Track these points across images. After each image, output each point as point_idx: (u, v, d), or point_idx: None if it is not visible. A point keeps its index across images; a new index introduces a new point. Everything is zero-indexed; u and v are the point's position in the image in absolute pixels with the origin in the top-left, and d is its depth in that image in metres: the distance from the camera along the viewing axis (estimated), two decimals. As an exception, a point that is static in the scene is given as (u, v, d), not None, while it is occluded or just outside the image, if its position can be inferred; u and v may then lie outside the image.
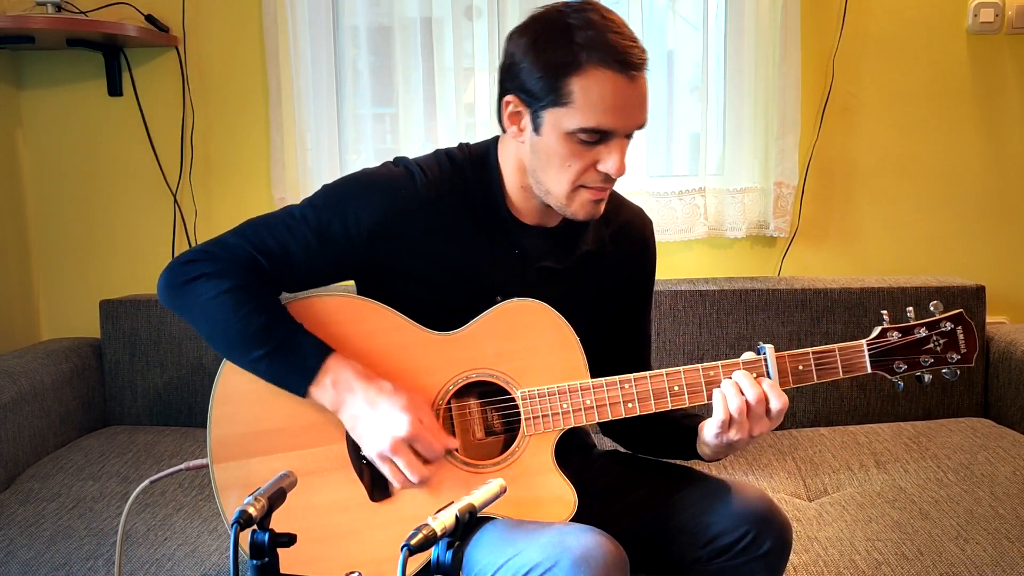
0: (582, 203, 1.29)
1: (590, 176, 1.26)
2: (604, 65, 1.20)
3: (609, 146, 1.24)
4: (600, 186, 1.28)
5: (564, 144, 1.24)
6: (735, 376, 1.28)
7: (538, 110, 1.24)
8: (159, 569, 1.55)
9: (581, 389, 1.31)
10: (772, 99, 2.27)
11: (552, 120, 1.24)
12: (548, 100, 1.23)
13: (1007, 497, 1.72)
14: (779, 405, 1.25)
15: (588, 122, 1.22)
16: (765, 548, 1.27)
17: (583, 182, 1.27)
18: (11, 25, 2.11)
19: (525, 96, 1.25)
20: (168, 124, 2.40)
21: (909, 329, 1.34)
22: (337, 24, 2.34)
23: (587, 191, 1.28)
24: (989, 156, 2.36)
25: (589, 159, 1.25)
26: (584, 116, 1.22)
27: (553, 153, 1.25)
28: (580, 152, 1.25)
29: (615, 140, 1.24)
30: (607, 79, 1.20)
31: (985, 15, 2.28)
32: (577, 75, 1.21)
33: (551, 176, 1.27)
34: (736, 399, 1.25)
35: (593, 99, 1.21)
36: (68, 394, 2.15)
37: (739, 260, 2.42)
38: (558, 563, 1.13)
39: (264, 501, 0.92)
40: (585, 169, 1.26)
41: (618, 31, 1.22)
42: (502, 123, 1.32)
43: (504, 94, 1.29)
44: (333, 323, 1.30)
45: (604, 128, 1.22)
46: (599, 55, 1.20)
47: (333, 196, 1.32)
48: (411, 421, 1.23)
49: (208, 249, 1.30)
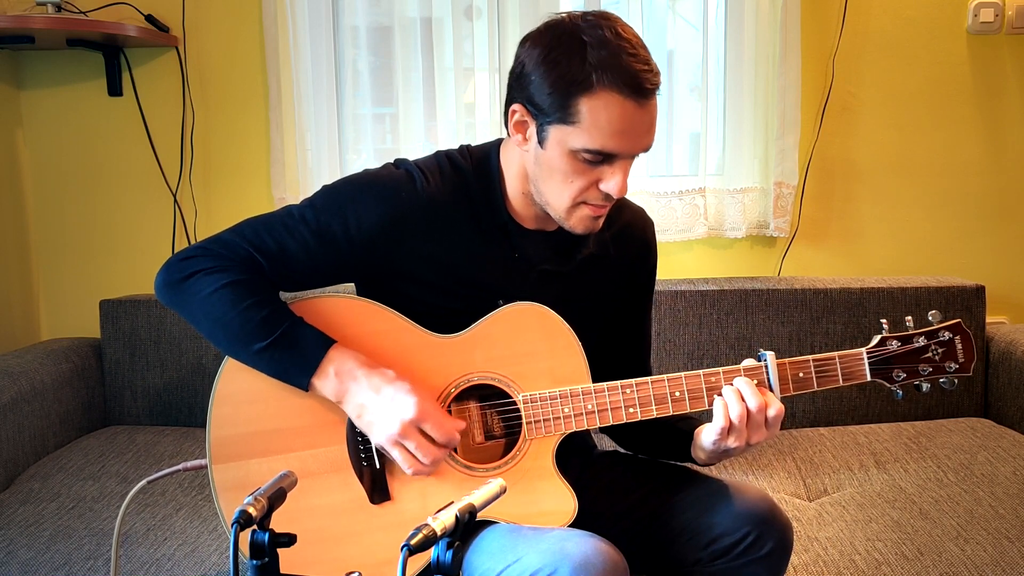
0: (581, 218, 1.29)
1: (591, 194, 1.26)
2: (615, 89, 1.18)
3: (613, 167, 1.24)
4: (600, 204, 1.27)
5: (568, 161, 1.24)
6: (737, 383, 1.28)
7: (544, 124, 1.23)
8: (158, 569, 1.55)
9: (583, 393, 1.30)
10: (772, 99, 2.27)
11: (558, 136, 1.23)
12: (555, 117, 1.22)
13: (1007, 497, 1.73)
14: (776, 412, 1.26)
15: (594, 144, 1.21)
16: (766, 549, 1.26)
17: (584, 199, 1.26)
18: (11, 25, 2.11)
19: (532, 108, 1.24)
20: (168, 124, 2.40)
21: (908, 338, 1.35)
22: (337, 24, 2.34)
23: (587, 207, 1.28)
24: (989, 156, 2.36)
25: (592, 177, 1.25)
26: (590, 138, 1.21)
27: (556, 168, 1.25)
28: (583, 170, 1.24)
29: (619, 161, 1.24)
30: (616, 103, 1.19)
31: (985, 15, 2.27)
32: (587, 96, 1.19)
33: (552, 189, 1.27)
34: (738, 406, 1.25)
35: (601, 122, 1.20)
36: (68, 394, 2.15)
37: (739, 260, 2.42)
38: (558, 569, 1.12)
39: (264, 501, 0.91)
40: (587, 187, 1.25)
41: (633, 53, 1.19)
42: (507, 129, 1.31)
43: (511, 102, 1.28)
44: (334, 324, 1.29)
45: (609, 151, 1.22)
46: (610, 78, 1.18)
47: (334, 197, 1.31)
48: (418, 403, 1.23)
49: (206, 246, 1.29)
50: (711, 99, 2.33)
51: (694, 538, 1.30)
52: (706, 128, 2.31)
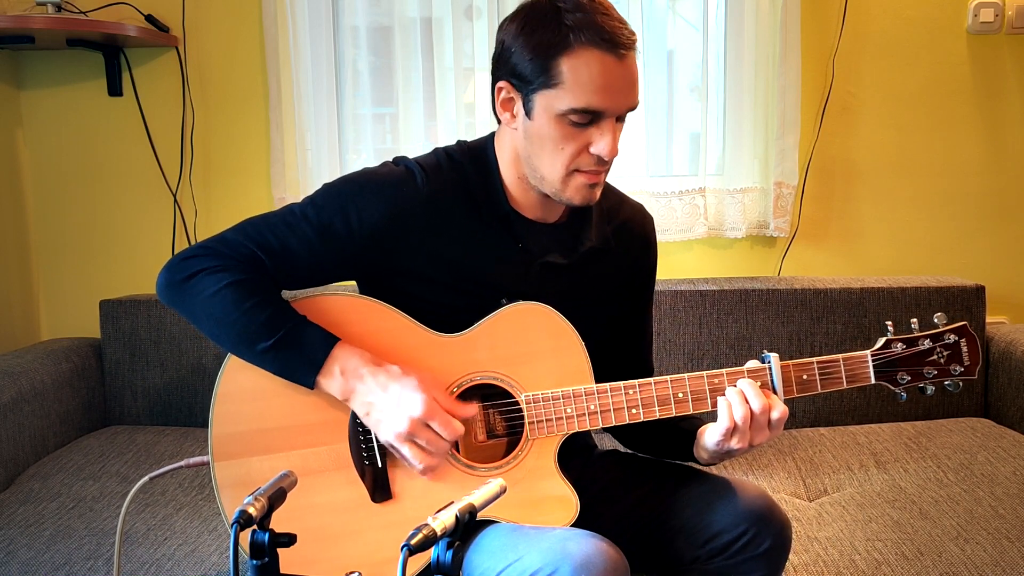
0: (577, 187, 1.29)
1: (583, 159, 1.27)
2: (593, 45, 1.21)
3: (601, 128, 1.25)
4: (594, 169, 1.28)
5: (556, 127, 1.25)
6: (740, 384, 1.28)
7: (529, 94, 1.25)
8: (159, 569, 1.55)
9: (585, 394, 1.31)
10: (772, 99, 2.27)
11: (543, 103, 1.24)
12: (539, 83, 1.24)
13: (1007, 497, 1.73)
14: (780, 414, 1.26)
15: (579, 102, 1.22)
16: (764, 547, 1.27)
17: (577, 165, 1.27)
18: (11, 25, 2.11)
19: (516, 81, 1.26)
20: (168, 124, 2.40)
21: (913, 341, 1.34)
22: (337, 24, 2.34)
23: (581, 175, 1.28)
24: (989, 156, 2.36)
25: (582, 141, 1.26)
26: (574, 96, 1.22)
27: (546, 137, 1.26)
28: (572, 134, 1.25)
29: (606, 121, 1.25)
30: (596, 59, 1.21)
31: (985, 15, 2.28)
32: (567, 55, 1.22)
33: (544, 161, 1.28)
34: (741, 407, 1.26)
35: (583, 79, 1.22)
36: (68, 394, 2.15)
37: (739, 260, 2.42)
38: (559, 569, 1.12)
39: (264, 501, 0.91)
40: (578, 152, 1.26)
41: (606, 12, 1.23)
42: (496, 111, 1.32)
43: (496, 81, 1.30)
44: (336, 323, 1.29)
45: (594, 108, 1.23)
46: (588, 35, 1.21)
47: (335, 195, 1.32)
48: (425, 400, 1.23)
49: (208, 245, 1.29)
50: (711, 99, 2.33)
51: (693, 536, 1.30)
52: (706, 128, 2.31)
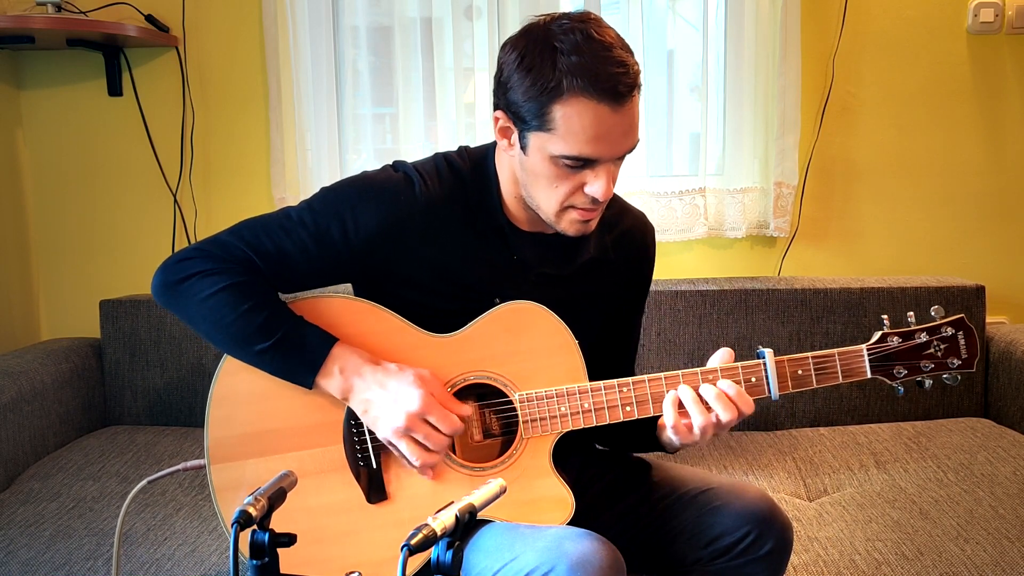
0: (571, 222, 1.28)
1: (577, 198, 1.25)
2: (586, 95, 1.16)
3: (596, 171, 1.22)
4: (588, 207, 1.26)
5: (550, 167, 1.23)
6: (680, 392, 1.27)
7: (524, 131, 1.23)
8: (159, 569, 1.55)
9: (579, 392, 1.30)
10: (772, 99, 2.27)
11: (537, 144, 1.22)
12: (533, 124, 1.21)
13: (1007, 497, 1.72)
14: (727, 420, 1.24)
15: (571, 151, 1.20)
16: (766, 549, 1.27)
17: (571, 203, 1.26)
18: (11, 25, 2.11)
19: (512, 115, 1.24)
20: (168, 124, 2.40)
21: (910, 334, 1.32)
22: (337, 24, 2.34)
23: (575, 211, 1.27)
24: (989, 156, 2.36)
25: (576, 182, 1.24)
26: (567, 144, 1.19)
27: (540, 174, 1.24)
28: (566, 176, 1.23)
29: (602, 165, 1.22)
30: (589, 109, 1.17)
31: (985, 15, 2.27)
32: (559, 103, 1.18)
33: (540, 194, 1.27)
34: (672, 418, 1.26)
35: (575, 128, 1.18)
36: (68, 394, 2.15)
37: (739, 260, 2.42)
38: (555, 567, 1.12)
39: (264, 501, 0.91)
40: (572, 192, 1.24)
41: (606, 54, 1.17)
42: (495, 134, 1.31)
43: (496, 107, 1.28)
44: (331, 324, 1.29)
45: (587, 156, 1.20)
46: (582, 83, 1.16)
47: (332, 200, 1.31)
48: (422, 395, 1.23)
49: (203, 247, 1.29)
50: (711, 99, 2.33)
51: (694, 537, 1.30)
52: (706, 128, 2.30)
